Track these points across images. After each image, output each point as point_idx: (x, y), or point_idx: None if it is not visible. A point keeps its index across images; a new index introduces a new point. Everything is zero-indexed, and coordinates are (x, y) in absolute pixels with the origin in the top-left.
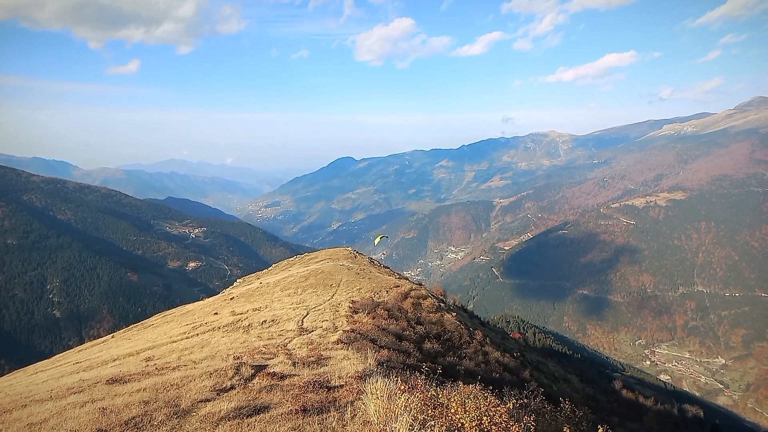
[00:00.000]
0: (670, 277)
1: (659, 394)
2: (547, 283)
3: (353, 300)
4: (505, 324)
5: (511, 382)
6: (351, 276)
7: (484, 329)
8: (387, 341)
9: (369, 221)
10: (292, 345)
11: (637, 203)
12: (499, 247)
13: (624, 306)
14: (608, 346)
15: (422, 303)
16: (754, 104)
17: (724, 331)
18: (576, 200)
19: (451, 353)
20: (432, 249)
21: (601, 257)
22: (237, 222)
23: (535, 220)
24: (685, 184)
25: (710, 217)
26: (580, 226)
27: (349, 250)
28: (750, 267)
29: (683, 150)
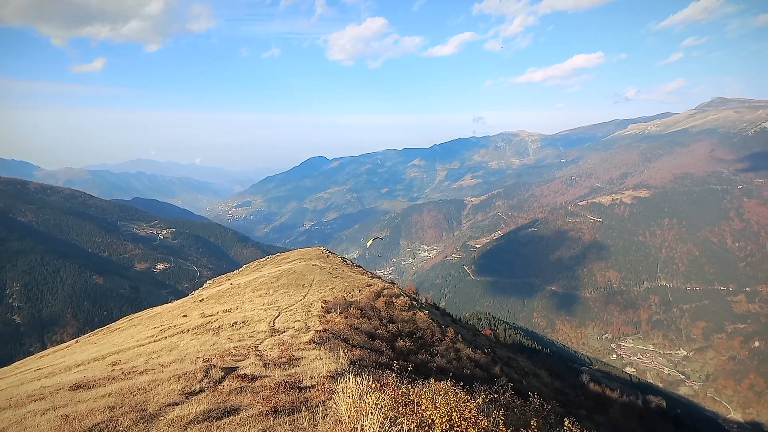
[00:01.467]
0: (635, 272)
1: (625, 387)
2: (517, 280)
3: (326, 300)
4: (477, 321)
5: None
6: (323, 276)
7: (455, 326)
8: (359, 340)
9: (342, 221)
10: (264, 346)
11: (603, 201)
12: (471, 245)
13: (591, 301)
14: (576, 341)
15: (395, 301)
16: (713, 105)
17: (685, 324)
18: (545, 198)
19: (423, 351)
20: (405, 248)
21: (569, 254)
22: (207, 222)
23: (505, 219)
24: (649, 182)
25: (673, 214)
26: (549, 223)
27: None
28: (710, 262)
29: (647, 149)
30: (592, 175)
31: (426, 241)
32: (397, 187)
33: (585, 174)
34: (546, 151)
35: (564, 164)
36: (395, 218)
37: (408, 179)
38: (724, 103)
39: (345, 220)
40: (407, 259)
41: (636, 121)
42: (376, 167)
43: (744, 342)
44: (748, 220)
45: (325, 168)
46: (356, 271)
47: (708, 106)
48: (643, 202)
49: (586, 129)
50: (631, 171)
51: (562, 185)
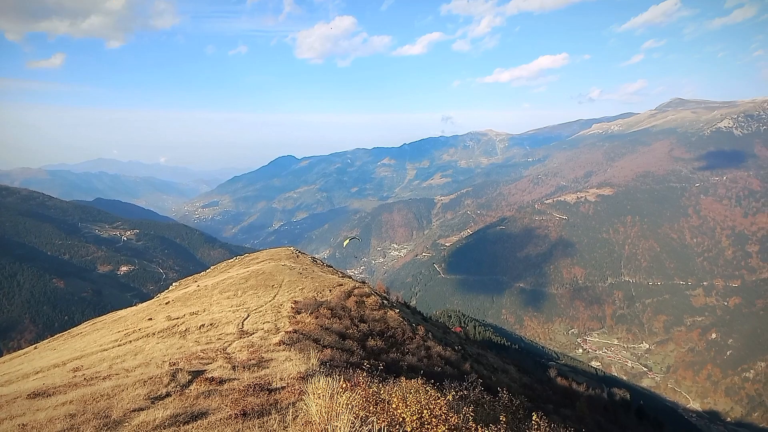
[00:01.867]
0: (600, 268)
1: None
2: (486, 277)
3: (295, 300)
4: (447, 319)
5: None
6: (293, 276)
7: (426, 324)
8: (330, 340)
9: (311, 220)
10: (232, 348)
11: (568, 199)
12: (441, 244)
13: (558, 298)
14: (544, 336)
15: (365, 301)
16: (672, 105)
17: (647, 318)
18: (512, 197)
19: (394, 349)
20: (375, 247)
21: (536, 251)
22: (172, 223)
23: (474, 217)
24: (613, 181)
25: (635, 211)
26: (517, 221)
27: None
28: (670, 257)
29: (610, 148)
30: (558, 174)
31: (396, 240)
32: (367, 187)
33: (551, 173)
34: (513, 150)
35: (531, 163)
36: (365, 217)
37: (378, 178)
38: (683, 104)
39: (315, 219)
40: (378, 258)
41: (600, 121)
42: (346, 166)
43: (702, 334)
44: (705, 217)
45: (294, 167)
46: (327, 271)
47: (667, 106)
48: (607, 200)
49: (552, 129)
50: (596, 170)
51: (529, 184)
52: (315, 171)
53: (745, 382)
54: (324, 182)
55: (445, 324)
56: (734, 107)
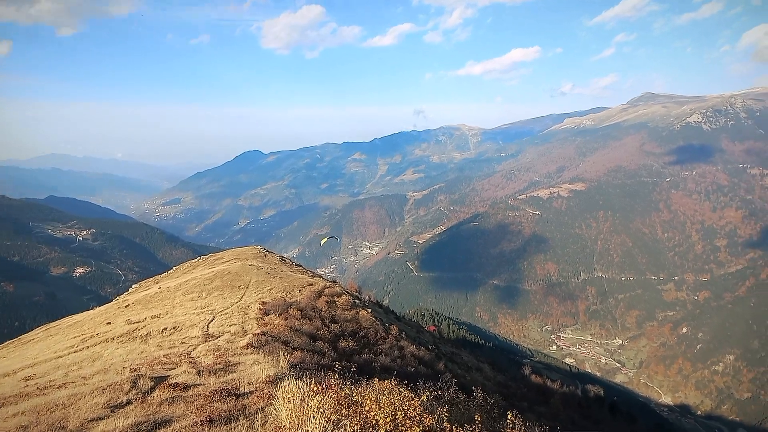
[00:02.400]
0: (573, 264)
1: (565, 377)
2: (459, 275)
3: (264, 301)
4: (420, 317)
5: (426, 374)
6: (261, 276)
7: (399, 324)
8: (300, 342)
9: (279, 218)
10: (197, 353)
11: (541, 194)
12: (413, 241)
13: (532, 294)
14: (518, 334)
15: (337, 301)
16: (643, 99)
17: (620, 314)
18: (486, 192)
19: (366, 350)
20: (346, 245)
21: (510, 247)
22: (132, 222)
23: (447, 213)
24: (585, 176)
25: (607, 206)
26: (490, 217)
27: (258, 249)
28: (642, 252)
29: (582, 143)
30: (531, 169)
31: (368, 237)
32: (338, 182)
33: (524, 168)
34: (486, 145)
35: (504, 158)
36: (336, 214)
37: (348, 174)
38: (653, 98)
39: (283, 217)
40: (349, 257)
41: (572, 116)
42: (315, 162)
43: (673, 329)
44: (676, 212)
45: (261, 163)
46: (296, 271)
47: (639, 100)
48: (579, 195)
49: (524, 123)
50: (568, 165)
51: (502, 179)
52: (283, 166)
53: (714, 375)
54: (292, 178)
55: (418, 323)
56: (703, 102)
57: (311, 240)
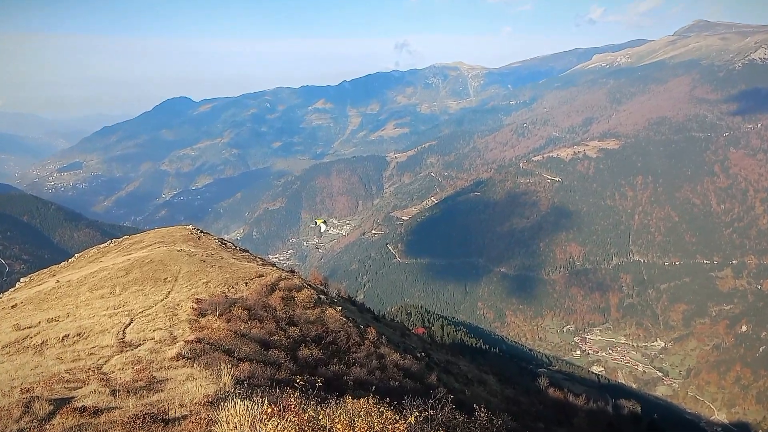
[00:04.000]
0: (603, 245)
1: (591, 390)
2: (456, 261)
3: (198, 298)
4: (406, 317)
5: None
6: (194, 265)
7: (378, 326)
8: (248, 351)
9: (218, 187)
10: (111, 367)
11: (563, 155)
12: (396, 218)
13: (550, 285)
14: (531, 336)
15: (295, 297)
16: (695, 29)
17: (663, 308)
18: (490, 153)
19: (336, 360)
20: (307, 223)
21: (522, 225)
22: (16, 194)
23: (440, 180)
24: (619, 130)
25: (647, 169)
26: (497, 186)
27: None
28: (691, 229)
29: (616, 87)
30: (549, 122)
31: (336, 212)
32: (295, 140)
33: (540, 120)
34: (491, 90)
35: (514, 107)
36: (293, 183)
37: (309, 129)
38: (708, 28)
39: (223, 186)
40: (311, 239)
41: (602, 51)
42: (265, 112)
43: (730, 326)
44: (735, 176)
45: (191, 114)
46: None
47: (689, 31)
48: (612, 156)
49: (541, 61)
50: (597, 116)
51: (511, 135)
52: (221, 119)
53: None
54: (234, 134)
55: (403, 324)
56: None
57: (260, 217)
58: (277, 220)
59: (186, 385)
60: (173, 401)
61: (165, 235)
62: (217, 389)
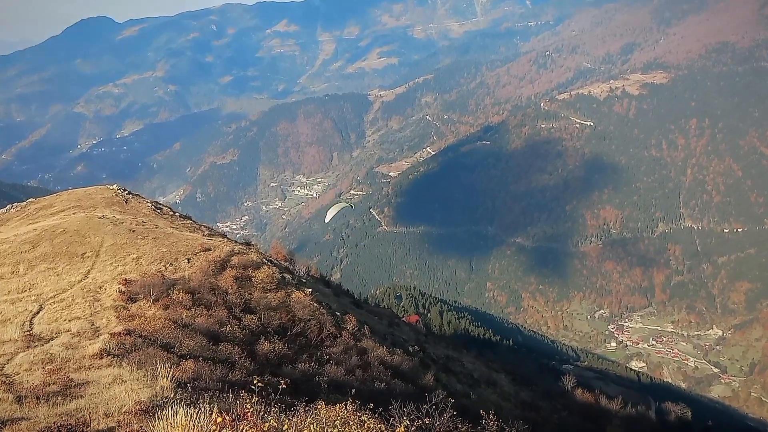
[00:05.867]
0: (646, 208)
1: (629, 391)
2: (459, 229)
3: (127, 279)
4: (395, 301)
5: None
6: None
7: (359, 312)
8: (192, 346)
9: (150, 136)
10: (15, 367)
11: (596, 92)
12: (381, 174)
13: (578, 259)
14: (554, 324)
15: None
16: None
17: (721, 288)
18: (503, 90)
19: (305, 356)
20: (266, 181)
21: (543, 182)
22: None
23: (438, 126)
24: (668, 60)
25: (704, 111)
26: (511, 133)
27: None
28: (758, 186)
29: (664, 4)
30: (579, 49)
31: (304, 168)
32: (250, 74)
33: (567, 47)
34: (504, 6)
35: (534, 30)
36: (248, 129)
37: (268, 59)
38: None
39: (157, 134)
40: (272, 201)
41: None
42: (210, 37)
43: None
44: None
45: (113, 39)
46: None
47: None
48: (659, 93)
49: None
50: (640, 41)
51: (530, 66)
52: (153, 46)
53: None
54: (171, 66)
55: (391, 311)
56: None
57: (206, 173)
58: (228, 177)
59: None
60: (96, 410)
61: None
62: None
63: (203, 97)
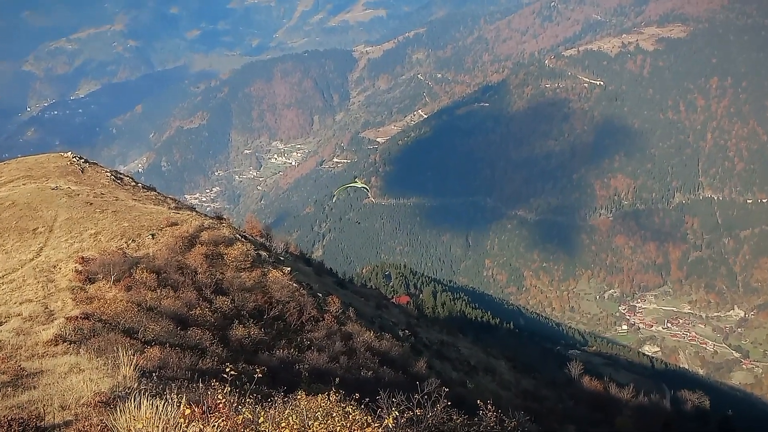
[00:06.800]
0: (662, 177)
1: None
2: (455, 201)
3: (84, 257)
4: (384, 281)
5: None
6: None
7: (344, 293)
8: (158, 331)
9: (109, 97)
10: None
11: (606, 48)
12: (368, 140)
13: (586, 233)
14: (560, 305)
15: (225, 254)
16: None
17: (743, 265)
18: (503, 45)
19: (284, 342)
20: (239, 148)
21: (547, 149)
22: None
23: (431, 86)
24: (686, 11)
25: (726, 68)
26: (512, 93)
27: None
28: None
29: None
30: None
31: (282, 133)
32: (220, 28)
33: None
34: None
35: None
36: (218, 90)
37: (241, 10)
38: None
39: (116, 96)
40: (246, 171)
41: None
42: None
43: None
44: None
45: None
46: (144, 199)
47: None
48: (676, 49)
49: None
50: None
51: (533, 19)
52: None
53: None
54: (131, 19)
55: (379, 291)
56: None
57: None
58: (197, 144)
59: (69, 379)
60: (51, 402)
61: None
62: (114, 385)
63: (168, 54)
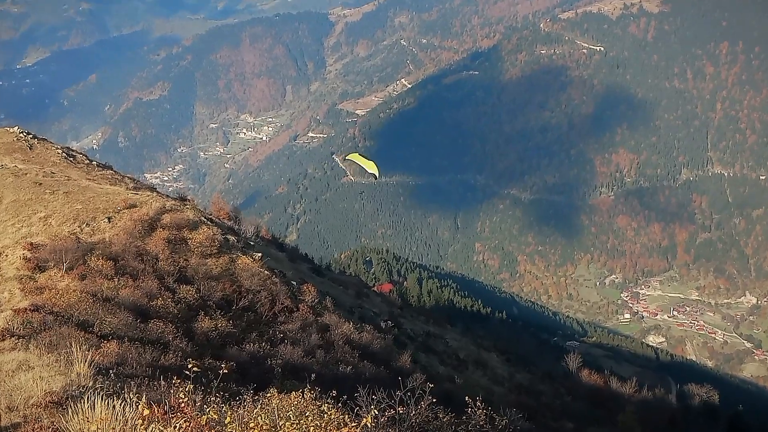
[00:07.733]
0: (667, 152)
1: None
2: (442, 179)
3: (33, 243)
4: (364, 267)
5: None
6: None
7: (320, 281)
8: (116, 324)
9: (60, 65)
10: None
11: (607, 9)
12: (346, 112)
13: (585, 214)
14: (556, 293)
15: (189, 238)
16: None
17: (756, 247)
18: (494, 7)
19: (254, 334)
20: (204, 121)
21: (542, 122)
22: None
23: (415, 52)
24: None
25: (737, 32)
26: (504, 60)
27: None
28: None
29: None
30: None
31: (251, 105)
32: None
33: None
34: None
35: None
36: (181, 58)
37: None
38: None
39: (68, 64)
40: (212, 147)
41: None
42: None
43: None
44: None
45: None
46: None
47: None
48: (683, 11)
49: None
50: None
51: None
52: None
53: None
54: None
55: (359, 279)
56: None
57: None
58: (158, 117)
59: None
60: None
61: None
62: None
63: (125, 18)
